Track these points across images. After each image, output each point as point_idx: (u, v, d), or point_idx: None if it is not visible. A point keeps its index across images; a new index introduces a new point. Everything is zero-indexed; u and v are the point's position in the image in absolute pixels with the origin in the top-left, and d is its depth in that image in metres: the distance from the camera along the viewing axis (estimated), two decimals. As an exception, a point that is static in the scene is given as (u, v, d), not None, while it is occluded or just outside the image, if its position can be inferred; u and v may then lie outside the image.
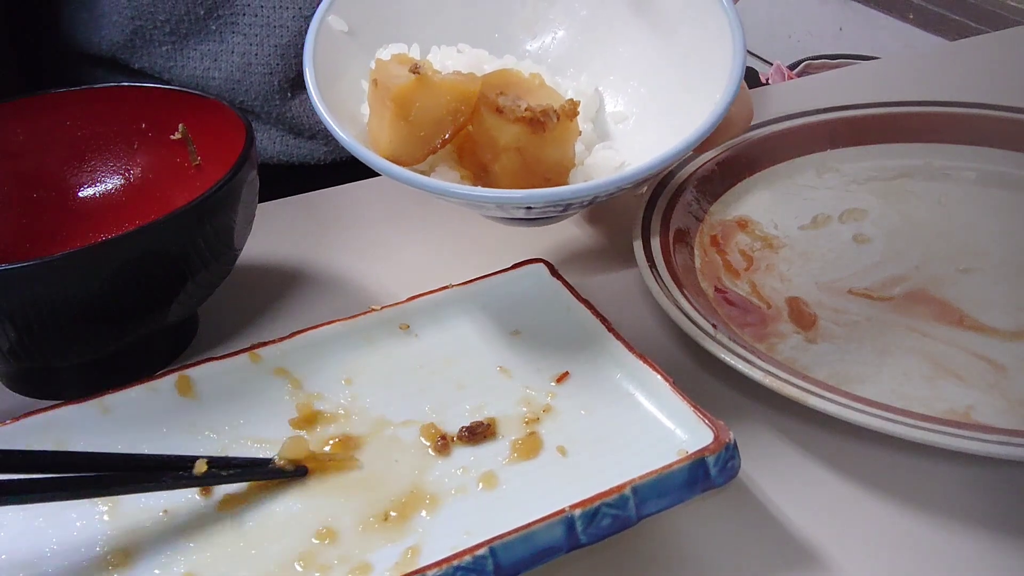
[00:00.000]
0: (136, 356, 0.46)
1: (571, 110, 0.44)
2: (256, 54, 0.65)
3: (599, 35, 0.51)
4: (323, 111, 0.43)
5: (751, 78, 0.97)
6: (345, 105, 0.46)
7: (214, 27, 0.65)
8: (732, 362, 0.41)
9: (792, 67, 1.72)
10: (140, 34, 0.65)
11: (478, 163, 0.44)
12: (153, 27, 0.65)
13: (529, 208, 0.42)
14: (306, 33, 0.47)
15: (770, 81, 1.43)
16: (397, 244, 0.56)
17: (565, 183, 0.45)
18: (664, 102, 0.48)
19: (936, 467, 0.40)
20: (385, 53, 0.46)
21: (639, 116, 0.49)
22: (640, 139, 0.47)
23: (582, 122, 0.46)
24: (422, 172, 0.44)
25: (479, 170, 0.44)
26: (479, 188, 0.42)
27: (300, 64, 0.66)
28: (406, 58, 0.45)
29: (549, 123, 0.43)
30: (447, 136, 0.43)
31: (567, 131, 0.44)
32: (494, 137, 0.43)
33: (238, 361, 0.41)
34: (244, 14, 0.64)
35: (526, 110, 0.42)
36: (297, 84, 0.67)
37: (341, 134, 0.42)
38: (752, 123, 0.57)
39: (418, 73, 0.41)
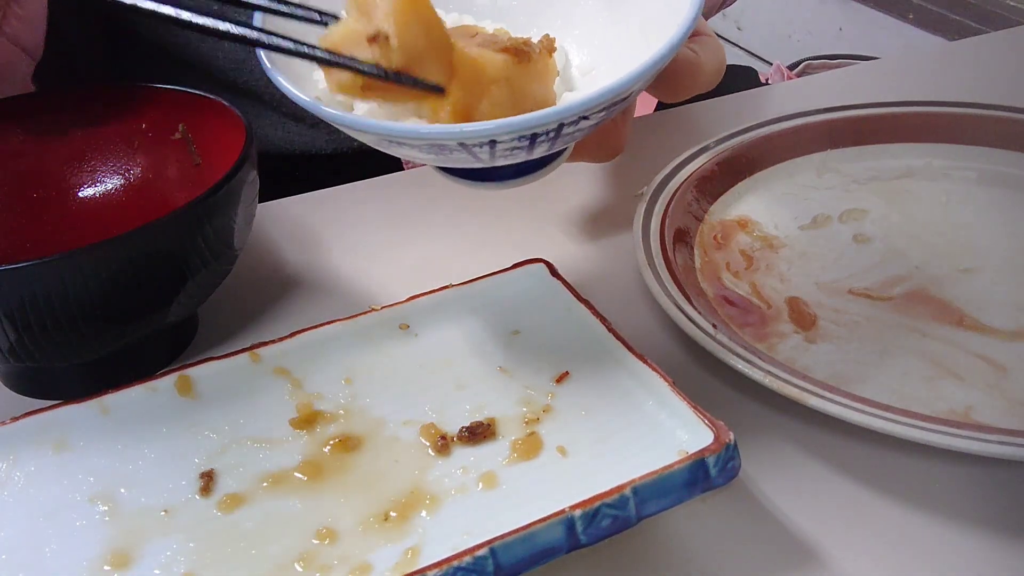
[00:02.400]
0: (136, 356, 0.46)
1: (549, 45, 0.42)
2: None
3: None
4: (278, 77, 0.41)
5: (751, 78, 0.97)
6: (302, 73, 0.44)
7: (216, 7, 0.64)
8: (732, 362, 0.41)
9: (792, 67, 1.72)
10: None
11: (461, 112, 0.41)
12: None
13: (494, 143, 0.38)
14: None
15: (770, 81, 1.43)
16: (397, 244, 0.56)
17: None
18: (627, 51, 0.46)
19: (936, 467, 0.40)
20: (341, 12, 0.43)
21: (604, 67, 0.48)
22: (618, 76, 0.46)
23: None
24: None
25: (461, 120, 0.41)
26: (441, 125, 0.39)
27: None
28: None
29: (532, 53, 0.41)
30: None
31: (548, 66, 0.42)
32: (482, 69, 0.40)
33: (238, 361, 0.41)
34: None
35: (508, 40, 0.41)
36: None
37: (301, 96, 0.40)
38: (753, 123, 0.58)
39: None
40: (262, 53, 0.42)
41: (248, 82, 0.66)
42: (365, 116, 0.40)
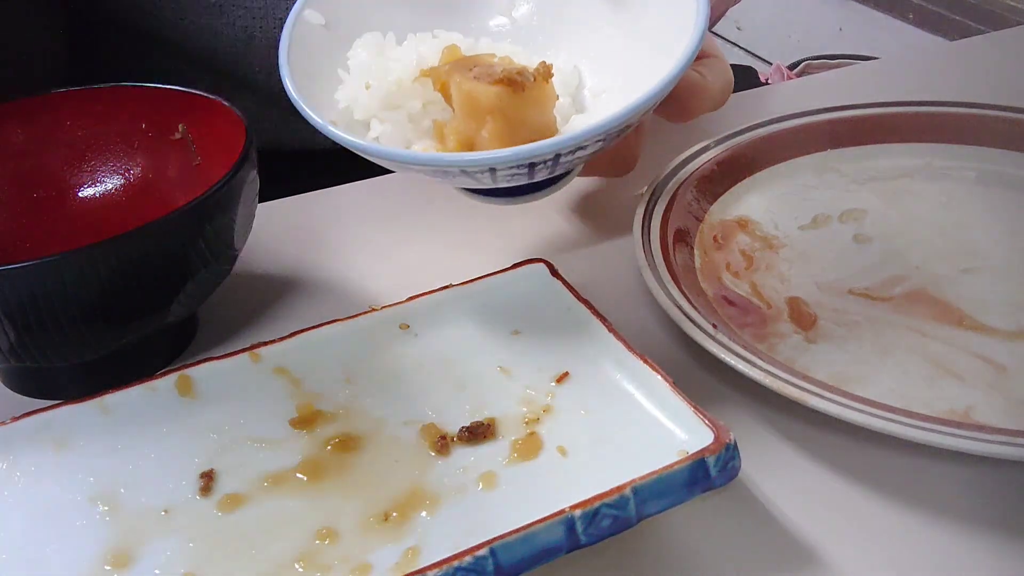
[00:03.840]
0: (136, 356, 0.46)
1: (545, 72, 0.43)
2: (260, 27, 0.65)
3: (573, 14, 0.51)
4: (298, 99, 0.43)
5: (751, 78, 0.97)
6: (322, 93, 0.46)
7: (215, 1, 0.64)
8: (732, 362, 0.41)
9: (792, 67, 1.72)
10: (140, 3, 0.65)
11: (464, 141, 0.44)
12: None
13: (494, 171, 0.41)
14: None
15: (770, 81, 1.43)
16: (397, 244, 0.56)
17: None
18: (639, 74, 0.47)
19: (936, 467, 0.40)
20: (361, 42, 0.47)
21: (616, 88, 0.49)
22: (616, 108, 0.47)
23: (562, 96, 0.46)
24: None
25: (465, 148, 0.44)
26: (442, 154, 0.42)
27: None
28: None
29: (527, 82, 0.42)
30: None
31: (544, 93, 0.44)
32: (476, 101, 0.42)
33: (238, 361, 0.41)
34: None
35: (502, 72, 0.42)
36: None
37: (316, 119, 0.43)
38: (753, 123, 0.58)
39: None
40: (285, 72, 0.44)
41: (248, 75, 0.66)
42: (374, 143, 0.42)
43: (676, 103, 0.48)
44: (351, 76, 0.47)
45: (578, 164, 0.45)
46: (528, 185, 0.45)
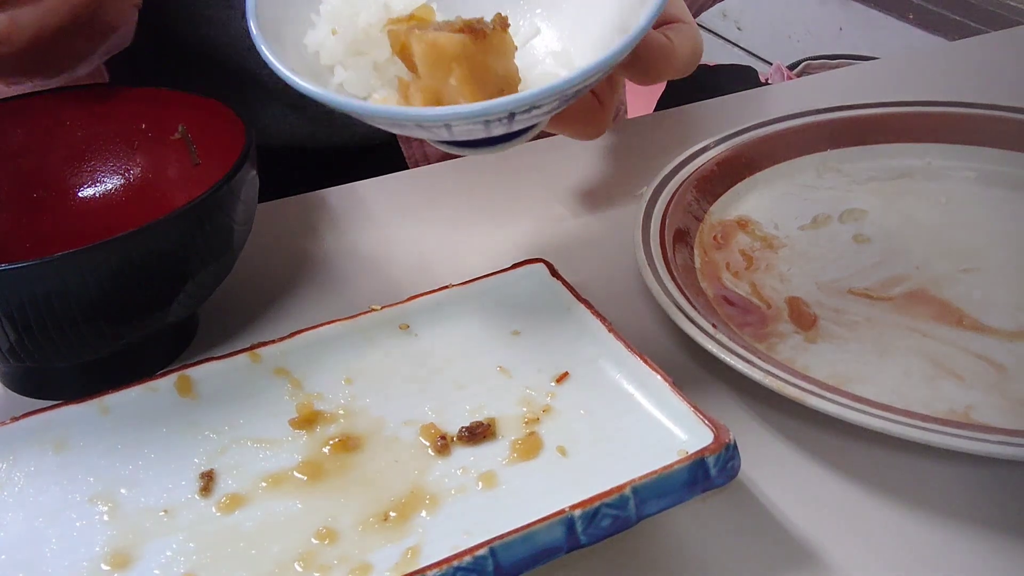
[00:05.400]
0: (136, 356, 0.46)
1: (502, 21, 0.43)
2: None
3: None
4: (261, 43, 0.42)
5: (751, 78, 0.97)
6: (294, 36, 0.45)
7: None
8: (732, 362, 0.41)
9: (792, 67, 1.72)
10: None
11: (432, 96, 0.43)
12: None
13: (449, 126, 0.40)
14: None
15: (770, 81, 1.43)
16: (397, 244, 0.56)
17: None
18: (602, 36, 0.47)
19: (936, 467, 0.40)
20: None
21: (578, 49, 0.48)
22: (574, 69, 0.46)
23: (521, 48, 0.46)
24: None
25: (432, 103, 0.43)
26: (401, 107, 0.41)
27: None
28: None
29: (487, 30, 0.42)
30: None
31: (504, 41, 0.43)
32: (441, 49, 0.42)
33: (238, 361, 0.41)
34: None
35: (461, 22, 0.42)
36: None
37: (277, 64, 0.42)
38: (753, 123, 0.58)
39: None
40: (251, 12, 0.43)
41: (254, 69, 0.66)
42: (332, 92, 0.42)
43: (640, 65, 0.47)
44: (321, 20, 0.46)
45: (538, 121, 0.44)
46: (491, 138, 0.45)
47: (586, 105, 0.45)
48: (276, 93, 0.67)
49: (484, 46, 0.42)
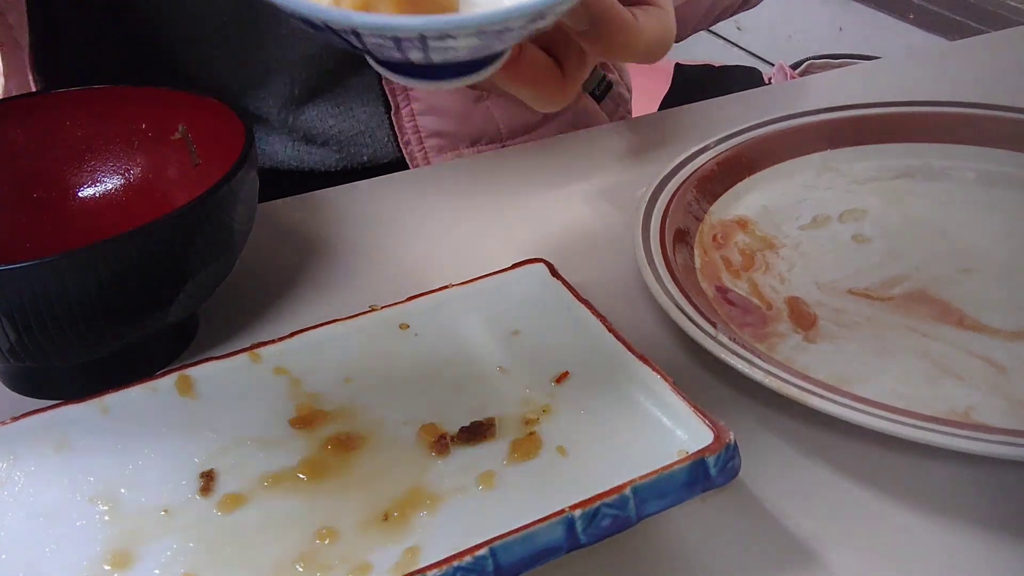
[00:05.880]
0: (136, 356, 0.46)
1: None
2: (277, 60, 0.65)
3: None
4: None
5: (753, 78, 0.97)
6: None
7: (234, 33, 0.64)
8: (732, 362, 0.41)
9: (794, 67, 1.71)
10: (158, 32, 0.64)
11: (362, 3, 0.41)
12: (169, 27, 0.64)
13: (359, 35, 0.38)
14: (333, 49, 0.45)
15: (773, 81, 1.43)
16: (397, 244, 0.56)
17: None
18: None
19: (936, 467, 0.40)
20: None
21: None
22: (478, 11, 0.44)
23: None
24: None
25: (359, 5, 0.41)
26: (314, 3, 0.39)
27: (320, 73, 0.65)
28: None
29: None
30: None
31: None
32: None
33: (238, 361, 0.41)
34: (269, 24, 0.64)
35: None
36: (314, 92, 0.66)
37: None
38: (753, 123, 0.58)
39: None
40: None
41: (260, 108, 0.66)
42: None
43: (601, 35, 0.45)
44: None
45: (459, 57, 0.41)
46: (422, 68, 0.43)
47: (545, 68, 0.43)
48: (284, 129, 0.67)
49: None
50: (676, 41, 0.52)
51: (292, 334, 0.43)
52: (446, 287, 0.45)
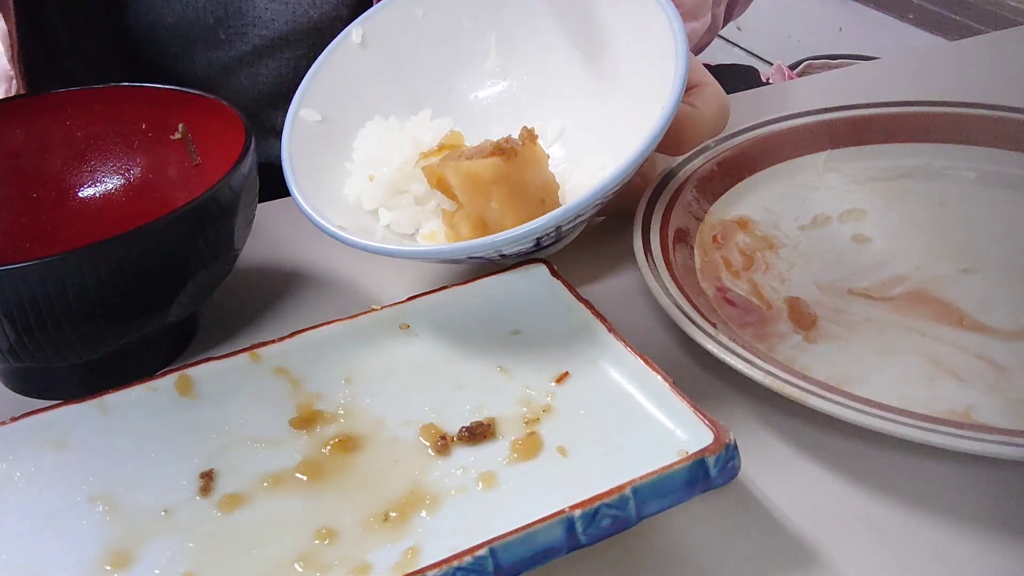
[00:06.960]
0: (136, 356, 0.46)
1: (529, 134, 0.45)
2: (266, 64, 0.65)
3: (556, 80, 0.53)
4: (308, 210, 0.45)
5: (752, 77, 0.97)
6: (331, 190, 0.49)
7: (223, 36, 0.64)
8: (732, 362, 0.41)
9: (793, 67, 1.71)
10: (148, 31, 0.65)
11: (476, 221, 0.45)
12: (161, 27, 0.64)
13: (501, 252, 0.43)
14: (323, 46, 0.47)
15: (771, 80, 1.43)
16: (397, 244, 0.56)
17: (558, 203, 0.46)
18: (628, 129, 0.47)
19: (936, 467, 0.40)
20: (364, 132, 0.50)
21: (608, 147, 0.49)
22: (605, 175, 0.47)
23: (553, 154, 0.48)
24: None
25: (479, 228, 0.45)
26: (452, 244, 0.44)
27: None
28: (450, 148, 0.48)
29: (517, 147, 0.44)
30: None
31: (535, 153, 0.45)
32: (478, 177, 0.44)
33: (238, 361, 0.41)
34: (255, 25, 0.64)
35: (491, 146, 0.44)
36: None
37: (327, 226, 0.44)
38: (753, 123, 0.58)
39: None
40: (292, 182, 0.46)
41: (251, 108, 0.66)
42: (380, 243, 0.45)
43: (672, 139, 0.49)
44: (356, 168, 0.49)
45: (580, 226, 0.47)
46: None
47: (628, 184, 0.46)
48: (279, 130, 0.68)
49: (517, 163, 0.44)
50: (696, 53, 0.54)
51: (292, 334, 0.43)
52: (446, 287, 0.45)
